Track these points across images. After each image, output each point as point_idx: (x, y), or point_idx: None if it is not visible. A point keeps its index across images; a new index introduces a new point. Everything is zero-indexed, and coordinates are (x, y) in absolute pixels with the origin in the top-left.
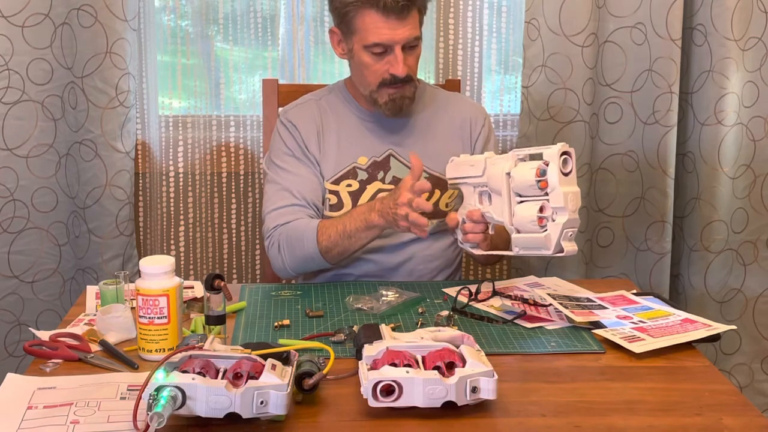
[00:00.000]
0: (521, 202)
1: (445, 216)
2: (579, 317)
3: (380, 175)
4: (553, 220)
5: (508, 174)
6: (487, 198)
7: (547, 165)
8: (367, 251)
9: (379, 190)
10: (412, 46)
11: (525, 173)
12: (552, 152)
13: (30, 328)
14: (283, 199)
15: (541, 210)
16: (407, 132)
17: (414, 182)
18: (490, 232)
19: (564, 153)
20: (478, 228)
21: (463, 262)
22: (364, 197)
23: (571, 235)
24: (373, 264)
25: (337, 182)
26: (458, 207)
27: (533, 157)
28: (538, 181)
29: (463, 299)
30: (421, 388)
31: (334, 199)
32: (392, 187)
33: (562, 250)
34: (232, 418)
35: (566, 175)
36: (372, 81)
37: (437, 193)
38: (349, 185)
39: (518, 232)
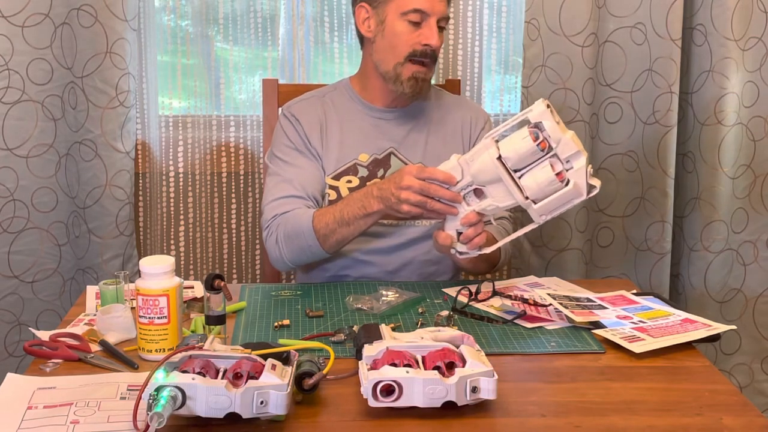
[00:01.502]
0: (521, 176)
1: (442, 216)
2: (579, 317)
3: (380, 172)
4: (570, 168)
5: (499, 158)
6: (473, 196)
7: (537, 126)
8: (366, 252)
9: None
10: (441, 27)
11: (520, 146)
12: (539, 111)
13: (30, 328)
14: (283, 190)
15: (552, 167)
16: (409, 131)
17: (434, 173)
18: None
19: (549, 106)
20: (480, 228)
21: None
22: None
23: (591, 172)
24: (371, 266)
25: (337, 178)
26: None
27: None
28: (539, 144)
29: (463, 299)
30: (421, 388)
31: (333, 195)
32: None
33: (592, 188)
34: (232, 418)
35: (557, 123)
36: (402, 51)
37: None
38: (349, 181)
39: (535, 202)
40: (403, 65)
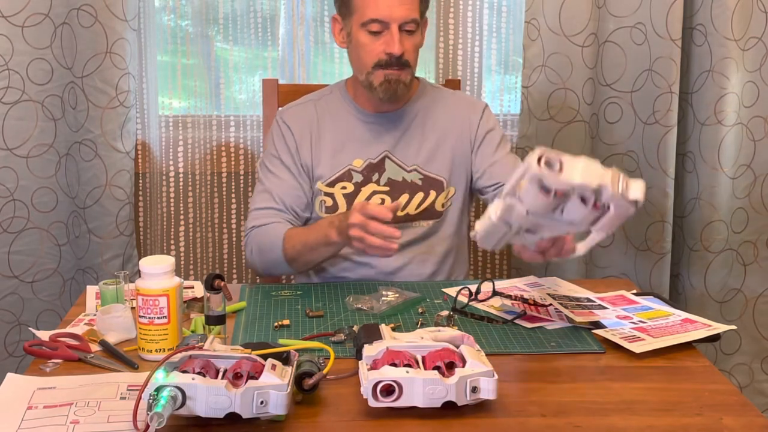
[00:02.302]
0: (561, 212)
1: (439, 216)
2: (579, 317)
3: (375, 177)
4: (601, 197)
5: (528, 212)
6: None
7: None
8: (364, 254)
9: (374, 192)
10: (409, 31)
11: (538, 203)
12: (532, 173)
13: (30, 328)
14: (264, 200)
15: (584, 201)
16: (403, 133)
17: (373, 210)
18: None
19: (540, 159)
20: (561, 240)
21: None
22: (359, 199)
23: (625, 187)
24: (370, 268)
25: (332, 184)
26: (453, 207)
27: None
28: (555, 195)
29: (463, 299)
30: (421, 388)
31: (329, 201)
32: (387, 188)
33: (637, 200)
34: (232, 418)
35: (560, 171)
36: (368, 62)
37: (432, 194)
38: (344, 187)
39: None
40: (372, 74)
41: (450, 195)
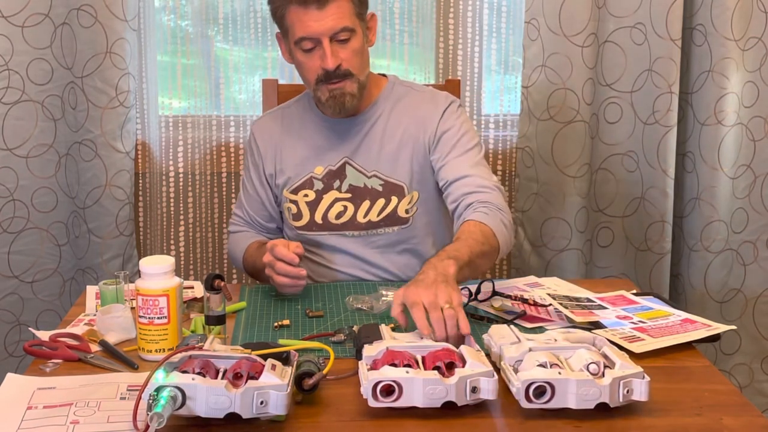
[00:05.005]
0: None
1: (405, 223)
2: (579, 317)
3: (336, 184)
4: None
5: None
6: None
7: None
8: (344, 265)
9: (336, 199)
10: (343, 39)
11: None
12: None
13: (30, 328)
14: (238, 208)
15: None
16: (363, 138)
17: (280, 252)
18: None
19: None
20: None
21: None
22: (321, 207)
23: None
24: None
25: (295, 192)
26: (419, 211)
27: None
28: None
29: (463, 299)
30: (421, 388)
31: (294, 209)
32: (349, 195)
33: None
34: (232, 418)
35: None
36: (309, 78)
37: (394, 200)
38: (306, 195)
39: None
40: (318, 89)
41: (414, 200)
